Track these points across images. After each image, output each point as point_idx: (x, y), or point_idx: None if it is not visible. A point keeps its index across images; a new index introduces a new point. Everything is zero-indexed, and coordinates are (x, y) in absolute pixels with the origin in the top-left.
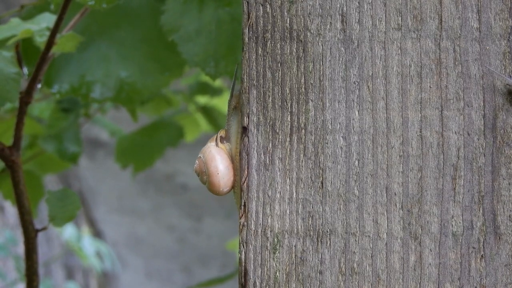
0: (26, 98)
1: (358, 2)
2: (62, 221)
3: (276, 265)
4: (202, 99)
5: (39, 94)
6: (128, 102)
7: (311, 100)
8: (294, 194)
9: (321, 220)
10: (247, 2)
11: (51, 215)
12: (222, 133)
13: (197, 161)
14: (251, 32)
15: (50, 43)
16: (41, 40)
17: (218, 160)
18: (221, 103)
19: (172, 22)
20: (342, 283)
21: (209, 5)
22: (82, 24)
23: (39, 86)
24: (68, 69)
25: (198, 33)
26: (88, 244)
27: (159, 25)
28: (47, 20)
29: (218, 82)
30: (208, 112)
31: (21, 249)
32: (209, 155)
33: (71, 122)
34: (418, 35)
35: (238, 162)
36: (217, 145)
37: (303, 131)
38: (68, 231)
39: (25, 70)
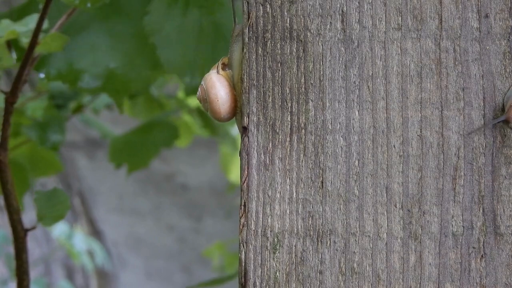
0: (11, 98)
1: (358, 2)
2: (51, 221)
3: (276, 265)
4: (195, 101)
5: (31, 93)
6: (115, 93)
7: (311, 100)
8: (294, 194)
9: (321, 220)
10: (247, 2)
11: (39, 215)
12: (224, 60)
13: (199, 89)
14: (251, 32)
15: (33, 43)
16: (26, 41)
17: (218, 87)
18: None
19: (155, 23)
20: (342, 283)
21: (193, 11)
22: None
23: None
24: (56, 56)
25: (178, 40)
26: (80, 242)
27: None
28: (35, 21)
29: None
30: (202, 114)
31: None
32: (209, 82)
33: (60, 115)
34: (418, 35)
35: (240, 88)
36: (218, 72)
37: (303, 131)
38: (59, 228)
39: (14, 54)
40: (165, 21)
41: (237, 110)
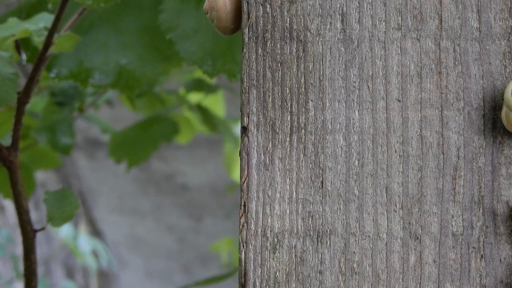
0: (24, 98)
1: (358, 2)
2: (60, 221)
3: (276, 265)
4: (196, 97)
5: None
6: (127, 89)
7: (311, 100)
8: (294, 194)
9: (321, 220)
10: (247, 2)
11: (49, 215)
12: None
13: (206, 1)
14: (251, 32)
15: (48, 43)
16: (39, 40)
17: None
18: (214, 103)
19: (170, 21)
20: (342, 283)
21: None
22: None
23: None
24: (67, 55)
25: (195, 32)
26: (85, 243)
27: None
28: (45, 20)
29: (213, 80)
30: (202, 110)
31: (18, 248)
32: None
33: (65, 116)
34: (418, 35)
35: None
36: None
37: (303, 131)
38: (65, 229)
39: (24, 55)
40: (180, 17)
41: (240, 23)
